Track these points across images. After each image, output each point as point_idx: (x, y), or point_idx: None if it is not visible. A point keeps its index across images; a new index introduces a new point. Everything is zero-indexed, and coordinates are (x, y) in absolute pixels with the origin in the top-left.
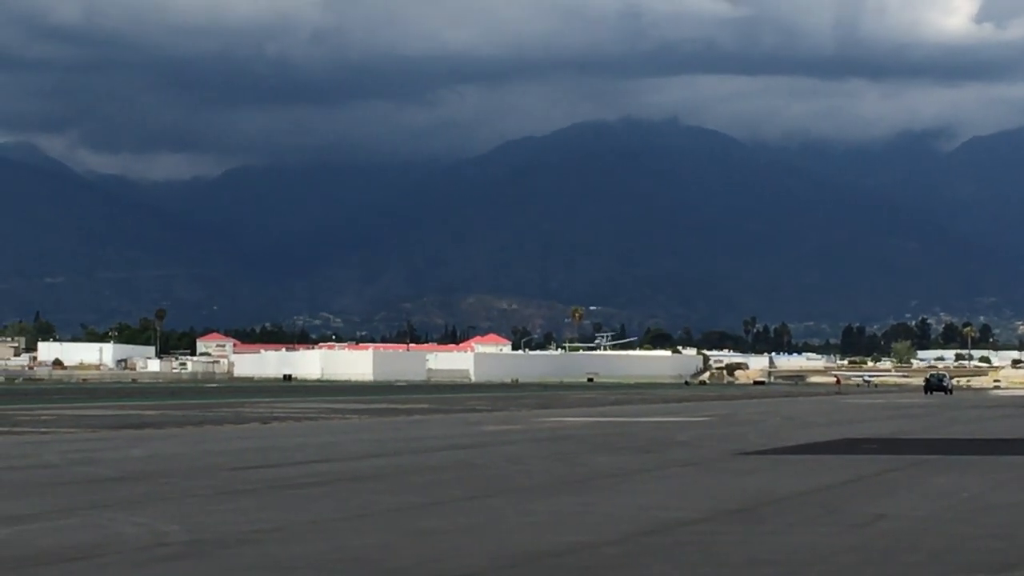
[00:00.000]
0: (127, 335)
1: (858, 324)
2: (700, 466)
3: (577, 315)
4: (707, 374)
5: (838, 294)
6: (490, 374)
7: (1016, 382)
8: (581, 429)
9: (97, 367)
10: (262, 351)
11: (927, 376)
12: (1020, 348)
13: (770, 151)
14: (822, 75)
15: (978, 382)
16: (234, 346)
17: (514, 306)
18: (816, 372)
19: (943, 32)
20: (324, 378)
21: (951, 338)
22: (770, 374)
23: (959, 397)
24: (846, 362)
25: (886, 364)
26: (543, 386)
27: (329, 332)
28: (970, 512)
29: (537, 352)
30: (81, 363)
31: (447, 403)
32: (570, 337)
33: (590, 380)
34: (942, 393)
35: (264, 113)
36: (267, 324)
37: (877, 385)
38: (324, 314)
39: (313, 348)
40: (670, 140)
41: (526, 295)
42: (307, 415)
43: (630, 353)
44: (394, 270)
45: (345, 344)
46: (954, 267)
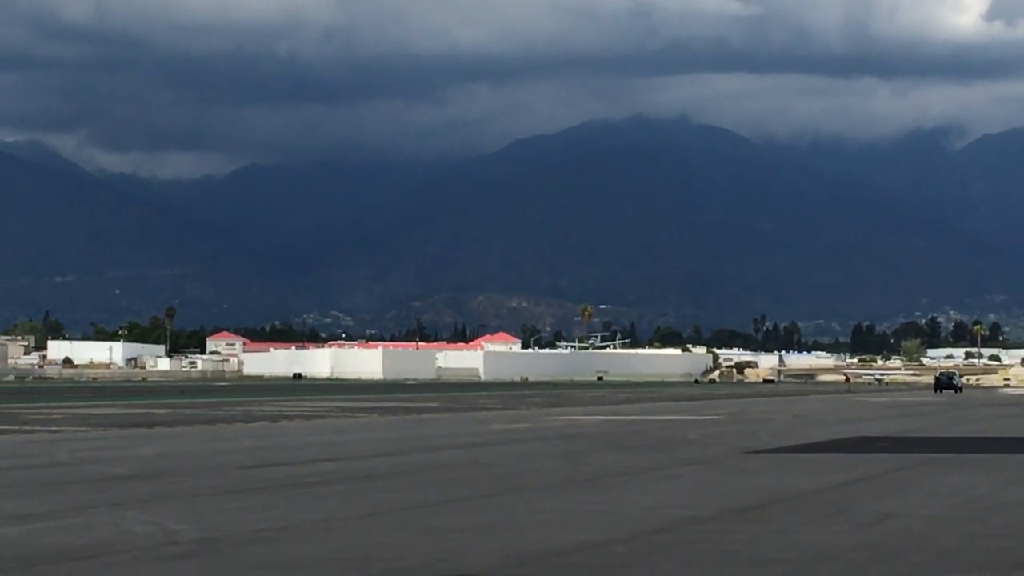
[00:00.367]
0: (137, 334)
1: (868, 322)
2: (710, 464)
3: (587, 313)
4: (717, 372)
5: (848, 292)
6: (500, 373)
7: None
8: (591, 428)
9: (107, 366)
10: (272, 350)
11: (937, 374)
12: None
13: (780, 149)
14: (832, 73)
15: (988, 380)
16: (244, 345)
17: (524, 304)
18: (826, 370)
19: (953, 30)
20: (334, 377)
21: (961, 336)
22: (780, 372)
23: (969, 395)
24: (856, 360)
25: (896, 363)
26: (553, 385)
27: (339, 331)
28: (979, 510)
29: (547, 350)
30: (91, 362)
31: (457, 402)
32: (582, 336)
33: (600, 379)
34: (952, 391)
35: (274, 112)
36: (277, 323)
37: (888, 383)
38: (334, 313)
39: (323, 347)
40: (680, 138)
41: (536, 293)
42: (317, 414)
43: (640, 352)
44: (404, 268)
45: (355, 343)
46: (964, 265)
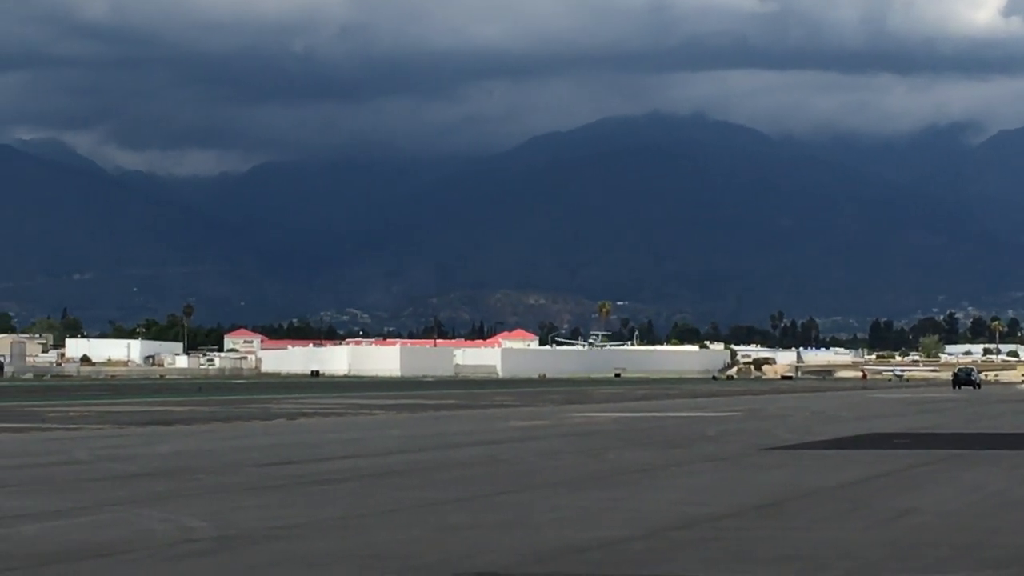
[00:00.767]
0: (155, 331)
1: (886, 319)
2: (728, 461)
3: (604, 310)
4: (735, 369)
5: (865, 288)
6: (517, 370)
7: None
8: (609, 424)
9: (125, 364)
10: (289, 347)
11: (955, 371)
12: None
13: (797, 146)
14: (849, 69)
15: (1006, 376)
16: (261, 342)
17: (541, 301)
18: (844, 367)
19: (971, 26)
20: (351, 374)
21: (979, 332)
22: (797, 369)
23: (987, 392)
24: (874, 357)
25: (914, 358)
26: (570, 381)
27: (356, 328)
28: (997, 507)
29: (564, 347)
30: (109, 360)
31: (475, 399)
32: (598, 333)
33: (617, 375)
34: (970, 388)
35: (291, 109)
36: (294, 320)
37: (908, 380)
38: (351, 310)
39: (340, 344)
40: (697, 135)
41: (553, 290)
42: (334, 411)
43: (657, 348)
44: (421, 266)
45: (372, 340)
46: (982, 261)
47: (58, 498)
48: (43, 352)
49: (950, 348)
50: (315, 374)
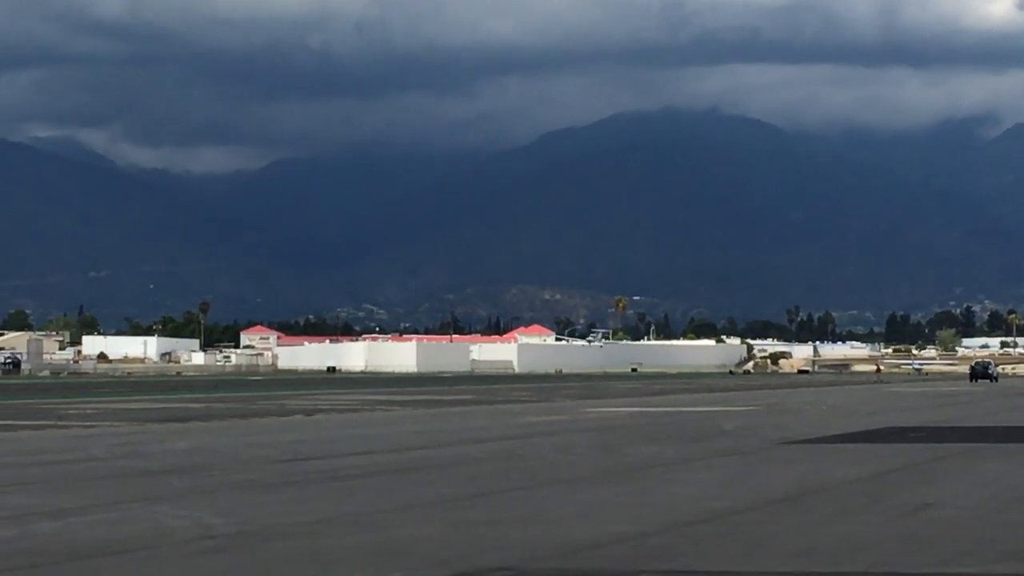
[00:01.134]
0: (171, 328)
1: (902, 312)
2: (745, 456)
3: (620, 305)
4: (751, 363)
5: (882, 282)
6: (534, 365)
7: None
8: (625, 419)
9: (141, 360)
10: (306, 343)
11: (972, 364)
12: None
13: (812, 140)
14: (864, 63)
15: None
16: (278, 339)
17: (557, 297)
18: (860, 360)
19: (986, 19)
20: (368, 370)
21: (996, 326)
22: (814, 363)
23: (1004, 385)
24: (891, 350)
25: (931, 352)
26: (587, 377)
27: (373, 324)
28: (1016, 500)
29: (580, 342)
30: (126, 357)
31: (491, 394)
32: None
33: (634, 370)
34: (987, 381)
35: (306, 106)
36: (310, 316)
37: (928, 373)
38: (367, 306)
39: (357, 340)
40: (711, 129)
41: (569, 285)
42: (351, 407)
43: (674, 343)
44: (437, 261)
45: (389, 336)
46: (998, 254)
47: (75, 495)
48: (60, 349)
49: (967, 341)
50: (331, 370)
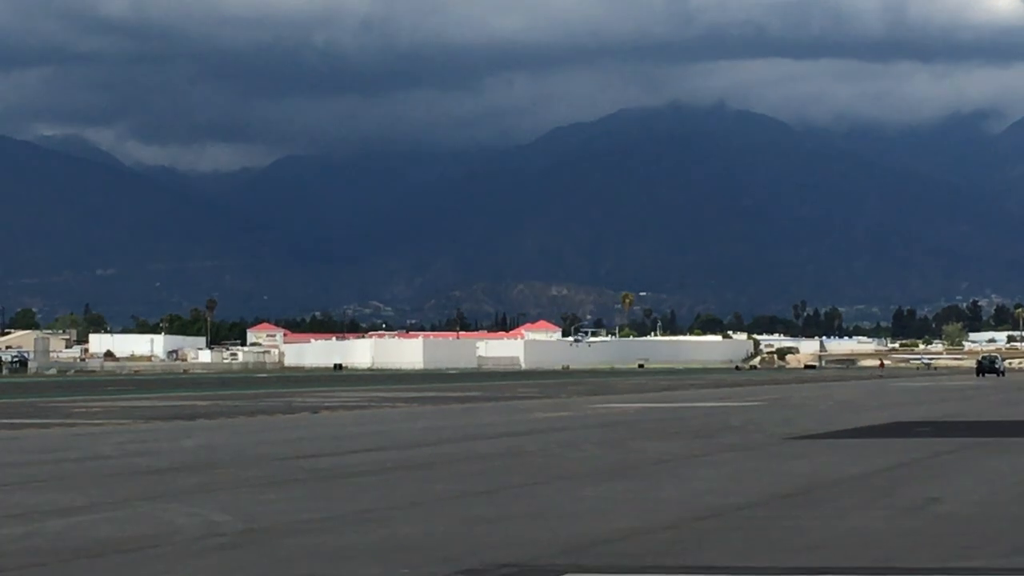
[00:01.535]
0: (178, 326)
1: (909, 307)
2: (752, 451)
3: (627, 301)
4: (758, 359)
5: (888, 277)
6: (540, 361)
7: None
8: (632, 415)
9: (148, 359)
10: (312, 340)
11: (979, 358)
12: None
13: (818, 135)
14: (871, 57)
15: None
16: (284, 336)
17: (564, 293)
18: (867, 356)
19: (992, 12)
20: (375, 367)
21: (1002, 320)
22: (821, 358)
23: (1011, 379)
24: (897, 345)
25: (937, 347)
26: (594, 373)
27: (379, 321)
28: (1022, 495)
29: (602, 338)
30: (132, 355)
31: (498, 391)
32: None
33: (640, 366)
34: (994, 375)
35: (312, 103)
36: (317, 313)
37: (937, 368)
38: (374, 303)
39: (363, 337)
40: (718, 125)
41: (576, 281)
42: (358, 404)
43: (681, 339)
44: (443, 258)
45: (395, 333)
46: (1005, 248)
47: (83, 493)
48: (67, 348)
49: (973, 336)
50: (338, 367)
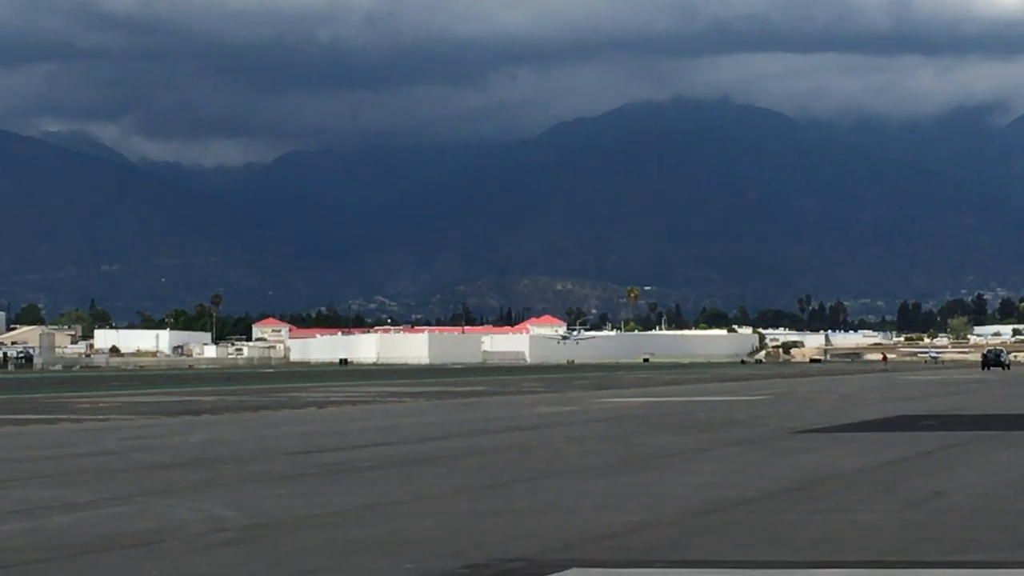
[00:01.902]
0: (183, 321)
1: (914, 301)
2: (757, 445)
3: (632, 295)
4: (763, 353)
5: (893, 271)
6: (545, 356)
7: None
8: (637, 410)
9: (154, 354)
10: (318, 336)
11: (984, 352)
12: None
13: (823, 129)
14: (875, 51)
15: None
16: (289, 331)
17: (569, 287)
18: (872, 349)
19: (997, 6)
20: (380, 362)
21: (1008, 313)
22: (826, 352)
23: (1017, 373)
24: (902, 339)
25: (942, 340)
26: (599, 367)
27: (384, 316)
28: None
29: (592, 333)
30: (138, 350)
31: (503, 385)
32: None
33: (645, 361)
34: (999, 369)
35: (317, 98)
36: (322, 309)
37: (944, 361)
38: (379, 298)
39: (368, 332)
40: (722, 119)
41: (581, 276)
42: (363, 399)
43: (686, 333)
44: (448, 253)
45: (400, 328)
46: (1009, 242)
47: (88, 489)
48: (72, 343)
49: (979, 329)
50: (343, 362)
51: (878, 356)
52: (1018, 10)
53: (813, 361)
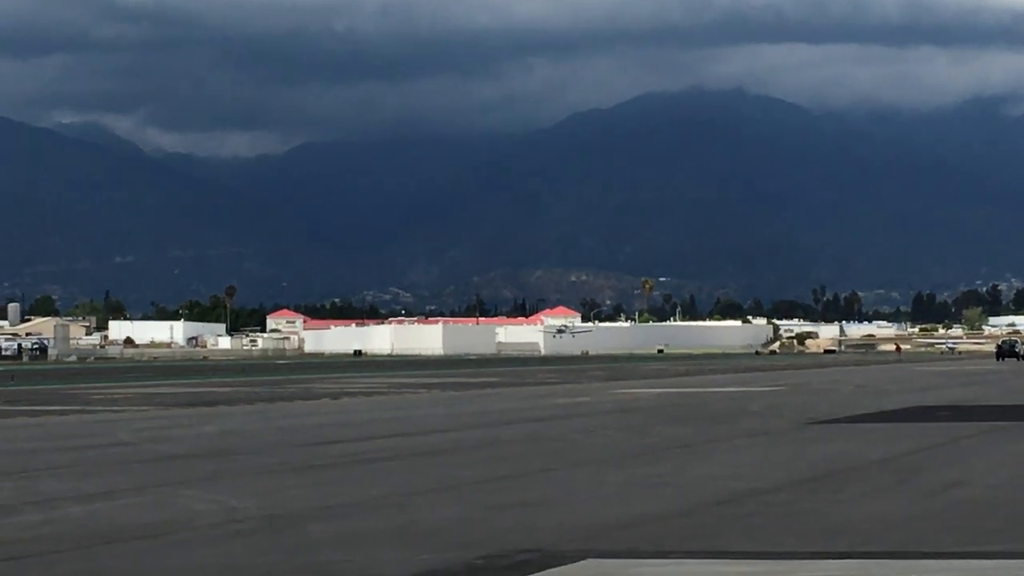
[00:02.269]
0: (197, 313)
1: (929, 291)
2: (772, 436)
3: (647, 286)
4: (777, 344)
5: (908, 261)
6: (560, 347)
7: None
8: (652, 401)
9: (168, 345)
10: (332, 327)
11: (999, 342)
12: None
13: (838, 119)
14: (890, 42)
15: None
16: (304, 322)
17: (583, 278)
18: (887, 340)
19: None
20: (394, 353)
21: (1022, 304)
22: (840, 343)
23: None
24: (917, 330)
25: (957, 331)
26: (613, 358)
27: (399, 307)
28: None
29: (606, 324)
30: (152, 341)
31: (518, 376)
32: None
33: (660, 352)
34: (1014, 359)
35: (331, 89)
36: (336, 300)
37: (961, 352)
38: (393, 289)
39: (383, 323)
40: (737, 110)
41: (595, 267)
42: (378, 390)
43: (701, 324)
44: (463, 244)
45: (415, 319)
46: None
47: (103, 480)
48: (86, 335)
49: (993, 320)
50: (358, 353)
51: (890, 347)
52: None
53: (827, 352)
